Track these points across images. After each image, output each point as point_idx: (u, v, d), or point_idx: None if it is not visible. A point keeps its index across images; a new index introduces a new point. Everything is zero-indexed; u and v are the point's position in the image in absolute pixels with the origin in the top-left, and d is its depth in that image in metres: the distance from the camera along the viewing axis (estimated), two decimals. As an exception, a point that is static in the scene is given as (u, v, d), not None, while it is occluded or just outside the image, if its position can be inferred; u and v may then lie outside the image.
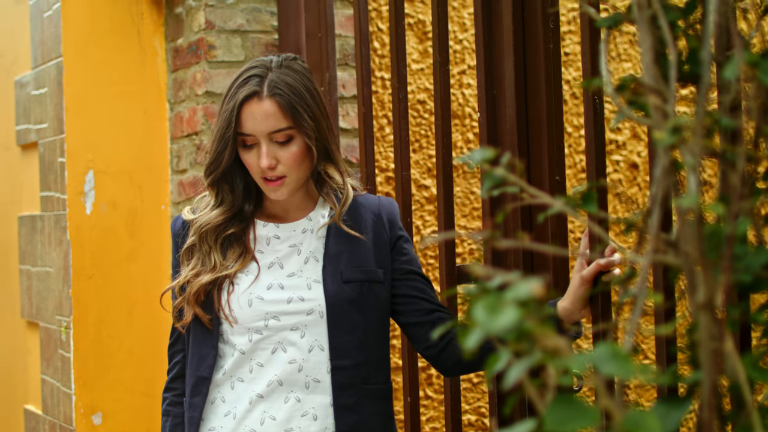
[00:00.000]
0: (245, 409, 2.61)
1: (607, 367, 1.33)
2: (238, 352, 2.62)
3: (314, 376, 2.61)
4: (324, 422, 2.60)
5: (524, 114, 2.71)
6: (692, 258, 1.43)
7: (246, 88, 2.56)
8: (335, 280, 2.62)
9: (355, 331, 2.62)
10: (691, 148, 1.46)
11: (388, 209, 2.73)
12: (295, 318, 2.60)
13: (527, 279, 1.36)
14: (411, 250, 2.73)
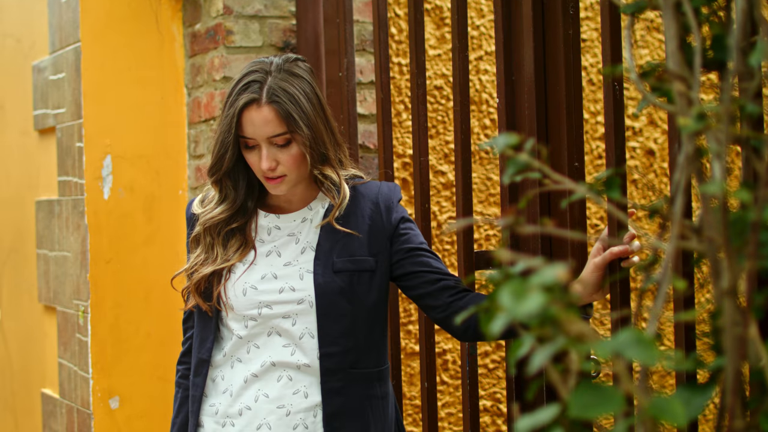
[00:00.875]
0: (240, 386, 2.78)
1: (631, 353, 1.33)
2: (236, 337, 2.79)
3: (305, 360, 2.75)
4: (314, 399, 2.75)
5: (543, 100, 2.71)
6: (716, 244, 1.43)
7: (245, 96, 2.68)
8: (326, 270, 2.75)
9: (343, 318, 2.75)
10: (716, 135, 1.46)
11: (386, 196, 2.83)
12: (286, 307, 2.75)
13: (552, 264, 1.37)
14: (411, 229, 2.82)
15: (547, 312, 1.34)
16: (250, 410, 2.77)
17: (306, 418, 2.75)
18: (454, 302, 2.74)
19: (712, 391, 1.49)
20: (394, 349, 3.27)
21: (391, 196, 2.83)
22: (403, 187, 4.17)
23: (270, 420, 2.76)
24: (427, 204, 3.09)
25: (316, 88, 2.75)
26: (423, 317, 3.11)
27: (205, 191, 2.89)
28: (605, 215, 4.32)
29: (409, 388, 4.19)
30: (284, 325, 2.75)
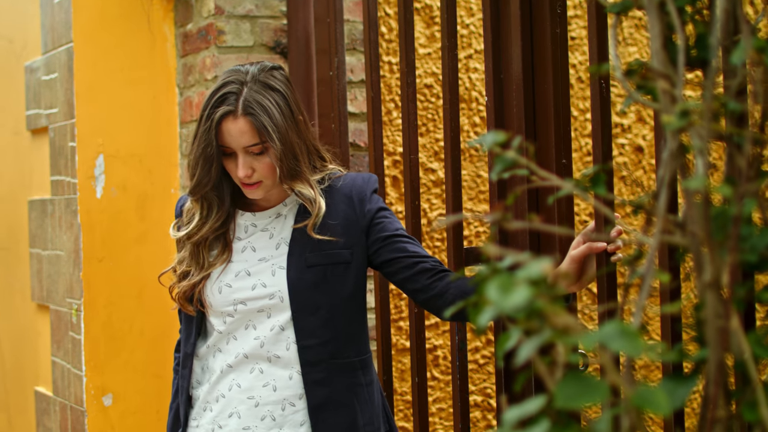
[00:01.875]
0: (218, 375, 2.91)
1: (615, 345, 1.36)
2: (216, 332, 2.91)
3: (275, 352, 2.86)
4: (282, 393, 2.87)
5: (531, 98, 2.74)
6: (699, 238, 1.46)
7: (222, 108, 2.79)
8: (299, 266, 2.86)
9: (320, 311, 2.85)
10: (699, 132, 1.49)
11: (359, 188, 2.91)
12: (260, 302, 2.87)
13: (538, 259, 1.40)
14: (386, 217, 2.91)
15: (533, 305, 1.36)
16: (224, 398, 2.90)
17: (274, 411, 2.87)
18: (433, 283, 2.81)
19: (696, 382, 1.52)
20: (385, 345, 3.30)
21: (365, 188, 2.91)
22: (394, 184, 4.20)
23: (240, 409, 2.89)
24: (417, 201, 3.12)
25: (291, 98, 2.84)
26: (413, 313, 3.14)
27: (176, 221, 3.02)
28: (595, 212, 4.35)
29: (400, 384, 4.22)
30: (260, 319, 2.87)
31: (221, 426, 2.91)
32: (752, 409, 1.48)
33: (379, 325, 3.31)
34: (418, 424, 3.16)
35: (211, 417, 2.93)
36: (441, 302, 2.80)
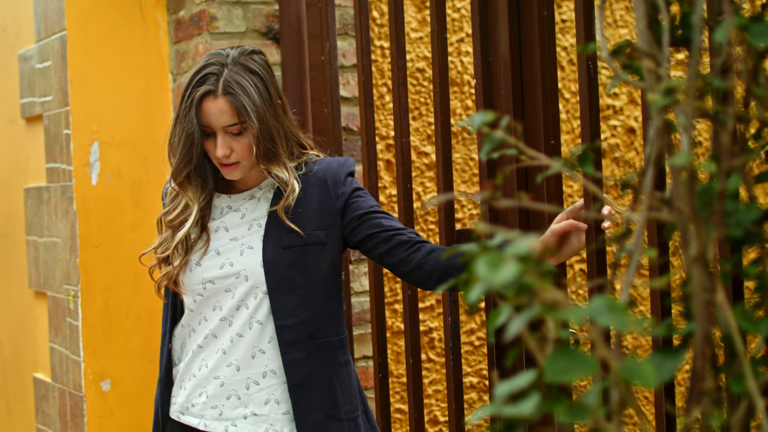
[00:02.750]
0: (191, 356, 3.02)
1: (604, 319, 1.38)
2: (188, 310, 3.02)
3: (238, 331, 2.95)
4: (246, 372, 2.95)
5: (519, 80, 2.76)
6: (685, 214, 1.49)
7: (203, 88, 2.86)
8: (275, 247, 2.93)
9: (297, 290, 2.92)
10: (684, 109, 1.52)
11: (334, 171, 2.98)
12: (226, 281, 2.95)
13: (526, 236, 1.42)
14: (360, 197, 2.98)
15: (521, 281, 1.39)
16: (195, 377, 3.01)
17: (238, 390, 2.96)
18: (411, 255, 2.87)
19: (684, 356, 1.55)
20: (380, 327, 3.33)
21: (339, 171, 2.98)
22: (387, 168, 4.22)
23: (208, 389, 2.99)
24: (410, 184, 3.14)
25: (269, 82, 2.92)
26: (407, 295, 3.17)
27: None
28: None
29: (396, 366, 4.25)
30: (226, 297, 2.96)
31: (193, 404, 3.02)
32: (739, 382, 1.51)
33: (374, 308, 3.33)
34: (414, 405, 3.19)
35: (185, 395, 3.04)
36: (420, 274, 2.86)
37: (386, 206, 4.18)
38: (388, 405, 3.34)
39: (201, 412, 3.01)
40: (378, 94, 4.24)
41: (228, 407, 2.97)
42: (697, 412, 1.48)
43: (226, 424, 2.98)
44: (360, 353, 3.93)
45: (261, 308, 2.94)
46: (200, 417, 3.01)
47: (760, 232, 1.60)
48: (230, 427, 2.97)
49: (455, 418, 3.05)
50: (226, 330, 2.96)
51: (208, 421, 3.00)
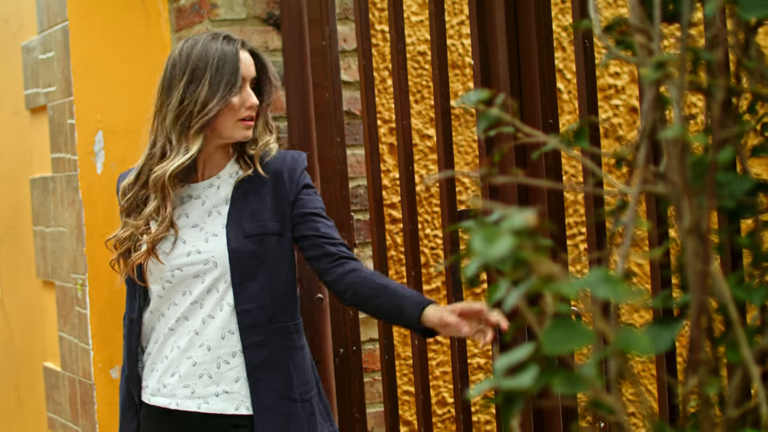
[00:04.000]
0: (162, 339, 3.16)
1: (600, 291, 1.40)
2: (157, 297, 3.16)
3: (209, 312, 3.10)
4: (216, 352, 3.10)
5: (516, 60, 2.78)
6: (678, 187, 1.50)
7: (232, 43, 3.09)
8: (237, 235, 3.09)
9: (259, 278, 3.09)
10: (676, 83, 1.54)
11: (290, 165, 3.16)
12: (195, 268, 3.10)
13: (522, 210, 1.44)
14: (309, 195, 3.17)
15: (517, 254, 1.41)
16: (167, 359, 3.14)
17: (210, 369, 3.10)
18: (333, 267, 3.08)
19: (680, 326, 1.57)
20: (386, 308, 3.34)
21: (295, 166, 3.16)
22: (390, 151, 4.24)
23: (180, 369, 3.13)
24: (411, 166, 3.16)
25: None
26: (411, 276, 3.19)
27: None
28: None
29: (404, 349, 4.27)
30: (195, 283, 3.10)
31: (165, 385, 3.14)
32: (734, 351, 1.53)
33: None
34: (420, 386, 3.21)
35: (157, 377, 3.16)
36: (337, 288, 3.08)
37: (390, 189, 4.20)
38: (395, 387, 3.36)
39: (173, 391, 3.13)
40: (380, 78, 4.25)
41: (200, 386, 3.11)
42: (694, 381, 1.49)
43: (199, 402, 3.11)
44: (366, 336, 3.96)
45: (230, 291, 3.10)
46: (172, 397, 3.14)
47: (754, 203, 1.62)
48: (203, 405, 3.11)
49: (461, 397, 3.07)
50: (198, 312, 3.11)
51: (180, 400, 3.13)
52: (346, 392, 3.67)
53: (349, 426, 3.65)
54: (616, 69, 4.69)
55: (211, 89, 3.03)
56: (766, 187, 1.63)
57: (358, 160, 3.95)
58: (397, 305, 2.93)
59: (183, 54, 3.10)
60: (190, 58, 3.07)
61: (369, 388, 3.98)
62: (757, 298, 1.58)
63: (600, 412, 1.48)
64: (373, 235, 3.33)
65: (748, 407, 1.52)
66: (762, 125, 1.79)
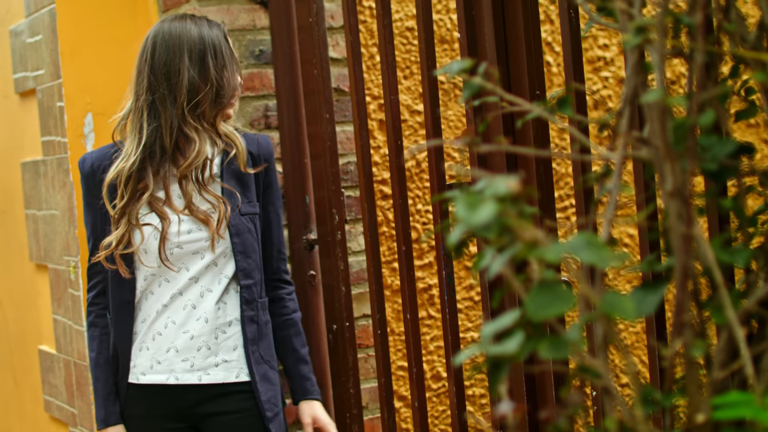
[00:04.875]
0: (153, 317, 3.21)
1: (583, 255, 1.41)
2: (150, 275, 3.20)
3: (208, 287, 3.20)
4: (214, 323, 3.21)
5: (502, 33, 2.78)
6: (660, 150, 1.51)
7: (215, 24, 3.22)
8: (234, 214, 3.20)
9: (254, 254, 3.24)
10: (656, 47, 1.54)
11: (266, 149, 3.32)
12: (196, 245, 3.18)
13: (505, 177, 1.45)
14: (274, 181, 3.35)
15: (500, 221, 1.41)
16: (161, 335, 3.20)
17: (208, 340, 3.20)
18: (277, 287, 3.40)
19: (665, 289, 1.57)
20: (377, 285, 3.35)
21: (270, 150, 3.33)
22: (380, 128, 4.24)
23: (177, 343, 3.20)
24: (400, 141, 3.16)
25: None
26: (401, 251, 3.20)
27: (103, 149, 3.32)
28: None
29: (398, 324, 4.28)
30: (194, 260, 3.18)
31: (160, 361, 3.21)
32: (719, 313, 1.53)
33: (370, 266, 3.36)
34: (413, 360, 3.22)
35: (149, 355, 3.21)
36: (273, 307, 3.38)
37: (381, 166, 4.21)
38: (388, 362, 3.37)
39: (170, 367, 3.20)
40: (368, 55, 4.25)
41: (199, 358, 3.20)
42: (679, 343, 1.50)
43: (199, 374, 3.21)
44: (359, 312, 3.97)
45: (228, 265, 3.20)
46: (169, 372, 3.21)
47: (736, 165, 1.63)
48: (203, 377, 3.21)
49: (454, 370, 3.08)
50: (194, 287, 3.19)
51: (180, 374, 3.21)
52: (340, 368, 3.68)
53: (344, 401, 3.66)
54: (605, 41, 4.69)
55: (219, 72, 3.15)
56: (749, 149, 1.63)
57: (348, 137, 3.95)
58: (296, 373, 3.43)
59: (165, 38, 3.17)
60: (181, 41, 3.15)
61: (363, 364, 3.99)
62: (741, 260, 1.59)
63: (587, 377, 1.49)
64: (363, 212, 3.33)
65: (733, 368, 1.53)
66: (746, 90, 1.80)
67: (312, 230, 3.78)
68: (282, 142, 3.84)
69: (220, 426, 3.23)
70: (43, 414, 4.83)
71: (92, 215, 3.24)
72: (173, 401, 3.23)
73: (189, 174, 3.17)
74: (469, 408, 4.40)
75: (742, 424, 1.46)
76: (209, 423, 3.24)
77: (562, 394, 1.59)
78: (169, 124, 3.12)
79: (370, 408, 4.02)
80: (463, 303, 4.42)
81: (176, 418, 3.25)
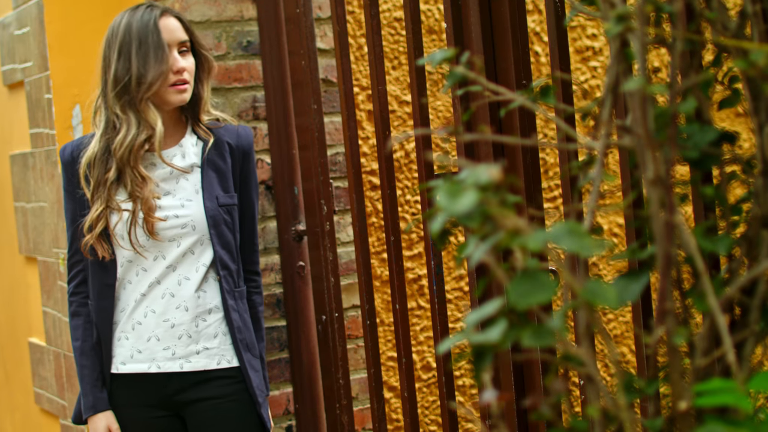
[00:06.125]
0: (132, 306, 3.23)
1: (565, 243, 1.41)
2: (126, 261, 3.22)
3: (185, 274, 3.22)
4: (194, 311, 3.23)
5: (488, 22, 2.78)
6: (642, 138, 1.51)
7: (154, 11, 3.19)
8: (213, 203, 3.23)
9: (229, 245, 3.27)
10: (637, 35, 1.54)
11: (245, 140, 3.33)
12: (172, 231, 3.20)
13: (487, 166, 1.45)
14: (252, 173, 3.35)
15: (482, 209, 1.42)
16: (140, 325, 3.23)
17: (189, 329, 3.23)
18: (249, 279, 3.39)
19: (648, 277, 1.58)
20: (366, 275, 3.35)
21: (249, 141, 3.33)
22: (369, 118, 4.24)
23: (158, 332, 3.23)
24: (388, 131, 3.16)
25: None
26: (390, 241, 3.20)
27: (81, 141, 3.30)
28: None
29: (388, 315, 4.29)
30: (170, 248, 3.20)
31: (140, 351, 3.23)
32: (701, 300, 1.54)
33: (359, 257, 3.36)
34: (402, 350, 3.23)
35: (128, 344, 3.24)
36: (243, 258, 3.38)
37: (370, 156, 4.21)
38: (377, 352, 3.37)
39: (152, 355, 3.23)
40: (357, 45, 4.25)
41: (180, 346, 3.23)
42: (661, 331, 1.51)
43: (181, 362, 3.24)
44: (349, 303, 3.97)
45: (205, 253, 3.23)
46: (151, 361, 3.23)
47: (717, 153, 1.63)
48: (185, 364, 3.24)
49: (443, 360, 3.08)
50: (171, 275, 3.22)
51: (161, 362, 3.23)
52: (329, 359, 3.68)
53: (333, 392, 3.67)
54: (594, 31, 4.69)
55: (141, 61, 3.14)
56: (730, 137, 1.64)
57: (336, 128, 3.95)
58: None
59: (112, 30, 3.23)
60: (117, 33, 3.20)
61: (353, 355, 3.99)
62: (723, 248, 1.59)
63: (570, 365, 1.50)
64: (352, 202, 3.33)
65: (715, 356, 1.53)
66: (730, 78, 1.80)
67: (301, 221, 3.78)
68: (270, 133, 3.83)
69: (203, 411, 3.26)
70: (34, 406, 4.83)
71: (72, 203, 3.26)
72: (155, 390, 3.25)
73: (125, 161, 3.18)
74: (460, 398, 4.41)
75: (725, 411, 1.46)
76: (192, 409, 3.26)
77: (547, 383, 1.60)
78: (110, 112, 3.20)
79: (360, 399, 4.02)
80: (453, 293, 4.42)
81: (159, 406, 3.27)
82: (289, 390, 3.90)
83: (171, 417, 3.29)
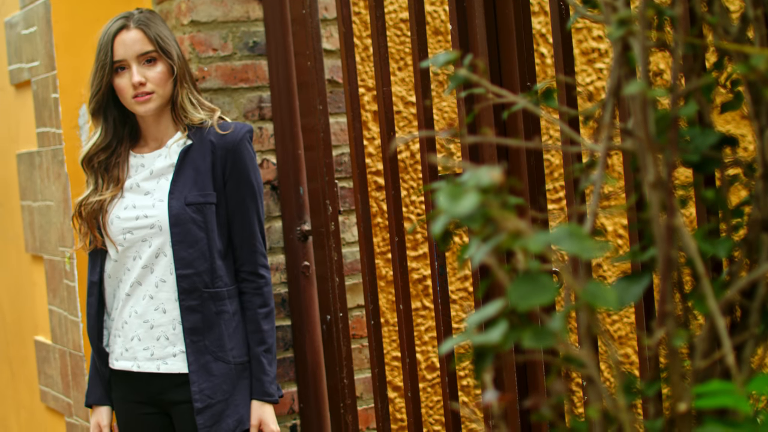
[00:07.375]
0: (121, 306, 3.36)
1: (566, 245, 1.42)
2: (113, 261, 3.36)
3: (161, 277, 3.30)
4: (171, 314, 3.31)
5: (493, 24, 2.79)
6: (643, 142, 1.52)
7: (116, 24, 3.29)
8: (179, 202, 3.28)
9: (198, 244, 3.28)
10: (639, 39, 1.55)
11: (230, 137, 3.32)
12: (143, 231, 3.31)
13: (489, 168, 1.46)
14: (245, 174, 3.34)
15: (483, 211, 1.42)
16: (127, 324, 3.35)
17: (166, 331, 3.32)
18: (247, 280, 3.38)
19: (648, 279, 1.59)
20: (370, 275, 3.36)
21: (235, 139, 3.32)
22: (375, 119, 4.25)
23: (139, 333, 3.33)
24: (393, 132, 3.17)
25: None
26: (394, 242, 3.21)
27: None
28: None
29: (392, 315, 4.30)
30: (143, 248, 3.31)
31: (128, 349, 3.35)
32: (701, 302, 1.55)
33: (364, 257, 3.37)
34: (407, 350, 3.23)
35: (120, 342, 3.36)
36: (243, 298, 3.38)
37: (375, 157, 4.22)
38: (381, 352, 3.38)
39: (134, 354, 3.34)
40: (363, 46, 4.26)
41: (158, 347, 3.32)
42: (662, 333, 1.51)
43: (158, 363, 3.32)
44: (354, 303, 3.98)
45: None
46: (134, 360, 3.34)
47: (718, 156, 1.64)
48: (162, 366, 3.32)
49: (446, 360, 3.09)
50: (149, 277, 3.30)
51: (142, 362, 3.33)
52: (334, 359, 3.69)
53: (337, 392, 3.68)
54: (600, 33, 4.70)
55: (94, 73, 3.31)
56: (731, 140, 1.65)
57: (342, 128, 3.96)
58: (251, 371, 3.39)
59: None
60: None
61: (357, 354, 4.00)
62: (723, 251, 1.60)
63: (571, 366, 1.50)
64: (357, 203, 3.34)
65: (715, 358, 1.54)
66: (732, 81, 1.81)
67: (306, 221, 3.80)
68: (276, 133, 3.85)
69: (182, 413, 3.34)
70: (39, 404, 4.84)
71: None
72: (142, 387, 3.37)
73: (93, 164, 3.37)
74: (464, 398, 4.42)
75: (724, 413, 1.47)
76: (175, 411, 3.36)
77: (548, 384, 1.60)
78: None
79: (364, 398, 4.03)
80: (458, 294, 4.43)
81: (149, 403, 3.39)
82: (294, 389, 3.92)
83: (161, 414, 3.40)
